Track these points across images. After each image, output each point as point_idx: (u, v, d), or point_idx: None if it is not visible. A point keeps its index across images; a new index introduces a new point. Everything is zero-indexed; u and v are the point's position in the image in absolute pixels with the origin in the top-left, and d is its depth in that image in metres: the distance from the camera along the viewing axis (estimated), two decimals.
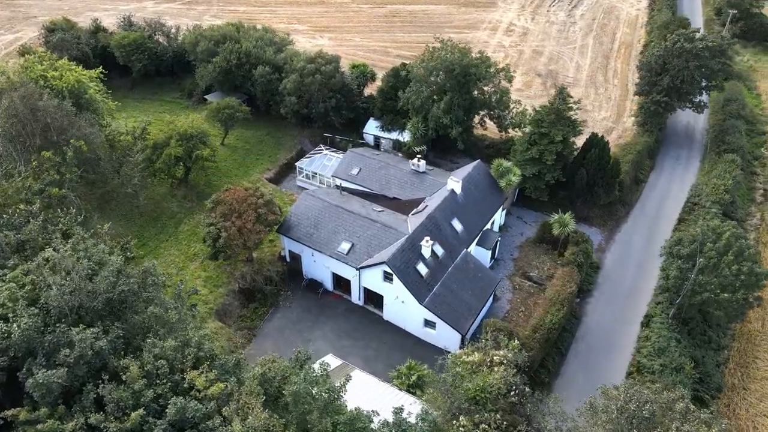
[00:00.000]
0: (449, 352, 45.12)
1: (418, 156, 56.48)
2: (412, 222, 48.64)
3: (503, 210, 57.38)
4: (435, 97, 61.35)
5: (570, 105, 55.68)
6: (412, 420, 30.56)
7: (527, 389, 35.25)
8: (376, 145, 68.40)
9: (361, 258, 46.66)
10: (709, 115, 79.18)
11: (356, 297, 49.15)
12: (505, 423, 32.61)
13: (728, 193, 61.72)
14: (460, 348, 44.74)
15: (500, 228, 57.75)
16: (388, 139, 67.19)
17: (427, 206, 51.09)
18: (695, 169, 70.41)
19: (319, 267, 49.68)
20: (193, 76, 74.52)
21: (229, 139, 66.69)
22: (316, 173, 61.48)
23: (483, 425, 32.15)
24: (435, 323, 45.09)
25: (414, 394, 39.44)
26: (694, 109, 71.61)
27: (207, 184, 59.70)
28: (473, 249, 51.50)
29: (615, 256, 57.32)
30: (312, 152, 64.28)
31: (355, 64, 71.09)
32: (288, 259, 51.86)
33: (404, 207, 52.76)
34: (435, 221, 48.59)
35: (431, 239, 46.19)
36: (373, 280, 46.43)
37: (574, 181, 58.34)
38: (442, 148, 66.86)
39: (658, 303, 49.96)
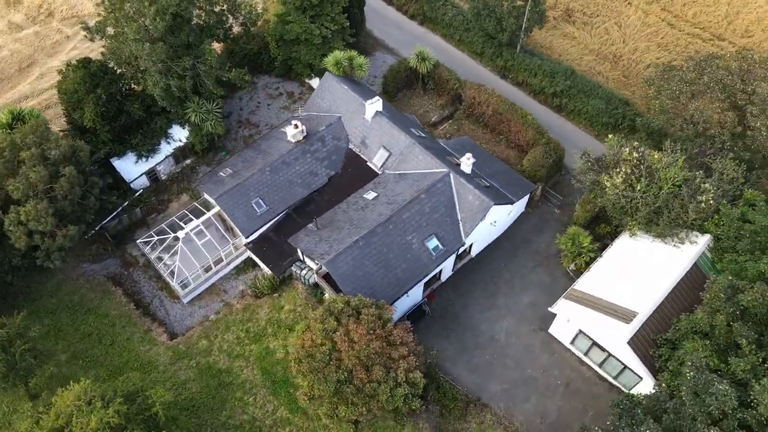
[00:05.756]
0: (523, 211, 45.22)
1: (295, 123, 41.46)
2: (415, 164, 40.31)
3: None
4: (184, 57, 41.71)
5: None
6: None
7: None
8: (155, 179, 45.45)
9: (452, 235, 38.23)
10: None
11: (448, 273, 41.50)
12: None
13: None
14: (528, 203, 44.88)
15: None
16: (166, 158, 44.91)
17: (382, 146, 41.78)
18: None
19: (412, 294, 38.66)
20: None
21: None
22: (207, 264, 39.56)
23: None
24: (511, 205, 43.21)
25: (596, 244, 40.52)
26: None
27: None
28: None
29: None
30: (157, 256, 39.34)
31: (14, 111, 38.91)
32: None
33: (360, 176, 42.15)
34: (423, 142, 41.18)
35: (458, 156, 40.30)
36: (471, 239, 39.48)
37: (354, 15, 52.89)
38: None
39: (492, 55, 55.41)
